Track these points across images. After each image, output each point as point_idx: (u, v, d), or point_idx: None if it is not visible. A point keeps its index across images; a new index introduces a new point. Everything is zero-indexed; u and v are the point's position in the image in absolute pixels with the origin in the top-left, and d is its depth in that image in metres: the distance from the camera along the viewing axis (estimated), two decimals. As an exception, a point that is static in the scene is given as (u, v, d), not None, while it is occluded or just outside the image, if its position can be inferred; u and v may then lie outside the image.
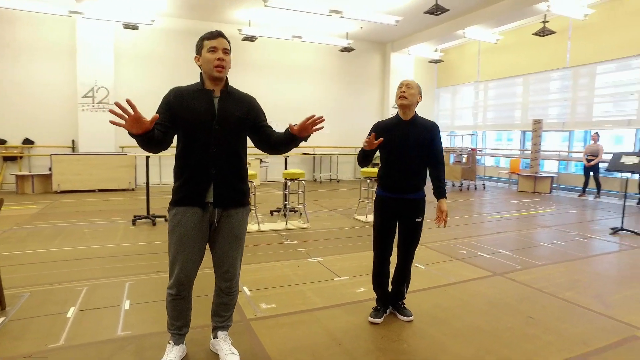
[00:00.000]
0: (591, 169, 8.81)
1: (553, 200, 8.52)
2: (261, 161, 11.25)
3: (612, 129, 9.31)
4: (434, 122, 2.69)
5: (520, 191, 9.93)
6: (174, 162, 2.10)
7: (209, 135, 2.01)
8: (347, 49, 11.48)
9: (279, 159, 11.21)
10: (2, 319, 2.70)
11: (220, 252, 2.13)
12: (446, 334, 2.57)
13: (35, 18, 9.24)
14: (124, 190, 9.16)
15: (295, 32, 10.88)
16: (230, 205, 2.08)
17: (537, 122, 9.70)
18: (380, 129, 2.71)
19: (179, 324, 2.16)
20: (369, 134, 2.75)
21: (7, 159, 9.43)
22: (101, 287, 3.32)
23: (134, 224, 5.69)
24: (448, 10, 8.36)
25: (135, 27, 9.02)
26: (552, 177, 9.69)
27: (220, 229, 2.10)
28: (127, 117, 1.65)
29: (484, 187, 10.66)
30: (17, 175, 8.86)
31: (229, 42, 2.06)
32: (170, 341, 2.19)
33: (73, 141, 9.83)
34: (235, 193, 2.09)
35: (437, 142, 2.66)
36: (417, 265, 3.97)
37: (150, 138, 1.78)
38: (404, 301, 2.86)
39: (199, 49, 2.04)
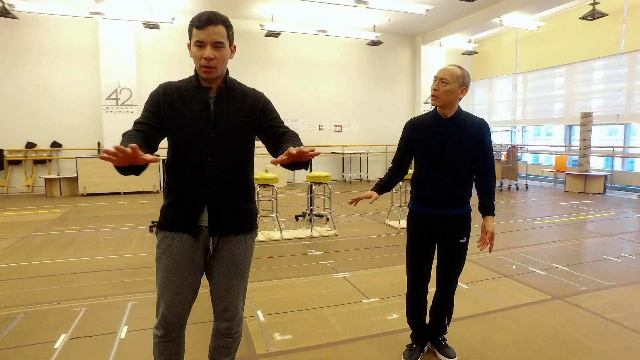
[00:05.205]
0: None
1: (608, 202, 7.64)
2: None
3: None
4: (483, 120, 2.15)
5: (568, 191, 9.05)
6: (165, 174, 1.70)
7: (202, 145, 1.58)
8: (374, 43, 10.90)
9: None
10: (-16, 349, 2.41)
11: (217, 287, 1.71)
12: (502, 384, 2.04)
13: (58, 21, 9.22)
14: (148, 192, 9.02)
15: (320, 26, 10.41)
16: (230, 231, 1.65)
17: (587, 115, 8.79)
18: (414, 127, 2.20)
19: (167, 372, 1.76)
20: (402, 133, 2.26)
21: (37, 162, 9.52)
22: (101, 308, 2.98)
23: (151, 230, 5.41)
24: (485, -5, 7.66)
25: (156, 26, 8.83)
26: (605, 175, 8.76)
27: (217, 259, 1.67)
28: (121, 155, 1.24)
29: (527, 187, 9.84)
30: (45, 179, 8.90)
31: (228, 27, 1.59)
32: (158, 392, 1.79)
33: (99, 143, 9.79)
34: (236, 216, 1.66)
35: (487, 145, 2.11)
36: (459, 284, 3.40)
37: (132, 171, 1.39)
38: (445, 336, 2.35)
39: (190, 37, 1.61)
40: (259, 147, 1.77)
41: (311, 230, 5.35)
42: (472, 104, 13.67)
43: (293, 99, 11.31)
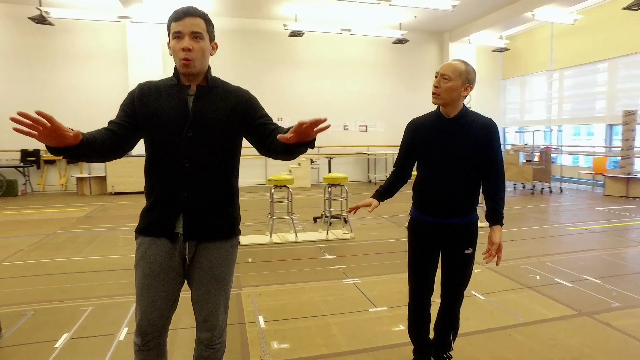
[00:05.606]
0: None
1: (651, 208, 7.09)
2: (312, 162, 10.81)
3: None
4: (490, 120, 1.95)
5: (608, 195, 8.48)
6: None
7: (179, 146, 1.51)
8: (400, 41, 10.65)
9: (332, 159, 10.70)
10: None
11: (197, 296, 1.63)
12: (511, 410, 1.86)
13: (89, 27, 9.57)
14: (171, 192, 9.18)
15: (344, 25, 10.27)
16: (207, 237, 1.57)
17: (630, 114, 8.20)
18: (415, 128, 2.06)
19: (147, 381, 1.70)
20: (404, 135, 2.12)
21: (70, 161, 9.91)
22: (106, 308, 3.00)
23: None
24: (516, -13, 7.28)
25: (181, 29, 8.98)
26: (650, 179, 8.15)
27: (196, 267, 1.60)
28: (40, 128, 1.19)
29: (561, 190, 9.30)
30: (77, 178, 9.27)
31: (207, 21, 1.52)
32: (139, 402, 1.73)
33: (127, 144, 10.07)
34: (215, 221, 1.58)
35: (494, 147, 1.91)
36: (474, 294, 3.21)
37: (76, 155, 1.33)
38: (451, 353, 2.18)
39: (168, 34, 1.54)
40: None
41: (327, 233, 5.23)
42: (504, 103, 13.13)
43: (317, 99, 11.24)
